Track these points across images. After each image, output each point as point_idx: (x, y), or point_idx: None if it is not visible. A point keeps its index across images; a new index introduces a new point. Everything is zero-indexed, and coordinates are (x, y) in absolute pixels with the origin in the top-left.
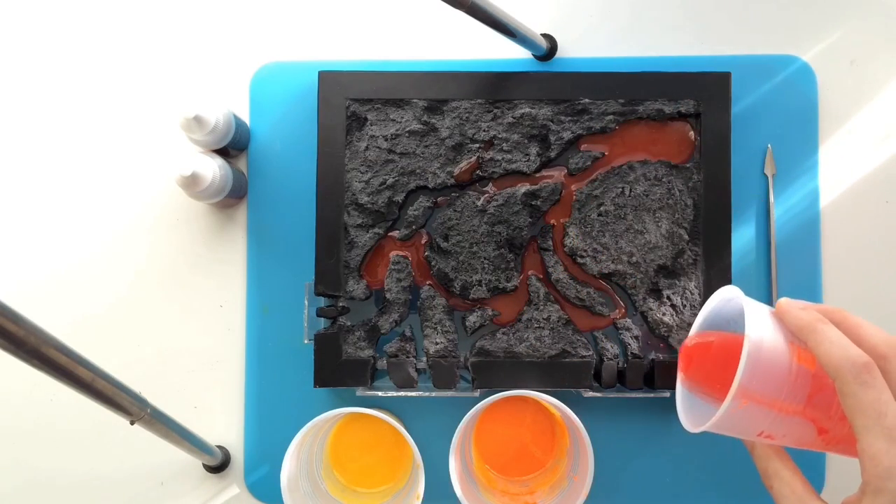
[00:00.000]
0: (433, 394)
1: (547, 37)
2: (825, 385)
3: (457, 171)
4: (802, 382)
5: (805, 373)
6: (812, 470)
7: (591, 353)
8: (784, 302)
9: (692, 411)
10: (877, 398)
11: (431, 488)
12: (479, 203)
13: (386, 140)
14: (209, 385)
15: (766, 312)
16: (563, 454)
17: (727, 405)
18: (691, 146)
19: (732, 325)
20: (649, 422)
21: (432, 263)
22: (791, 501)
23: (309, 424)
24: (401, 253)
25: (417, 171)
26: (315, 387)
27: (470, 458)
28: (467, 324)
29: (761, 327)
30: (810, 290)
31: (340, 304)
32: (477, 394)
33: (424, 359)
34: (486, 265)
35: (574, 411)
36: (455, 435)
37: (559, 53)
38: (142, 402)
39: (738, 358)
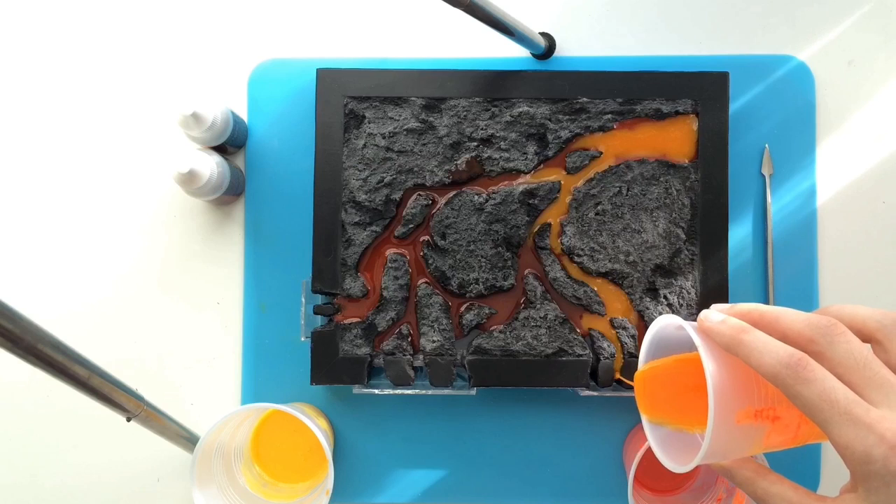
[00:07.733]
0: (430, 392)
1: (545, 35)
2: None
3: (454, 168)
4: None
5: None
6: (807, 470)
7: (587, 352)
8: (703, 319)
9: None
10: (821, 389)
11: (430, 487)
12: (476, 200)
13: (384, 138)
14: (206, 382)
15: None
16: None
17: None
18: (693, 144)
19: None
20: None
21: (430, 261)
22: None
23: (222, 420)
24: (398, 251)
25: (415, 169)
26: (312, 384)
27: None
28: (464, 322)
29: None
30: (806, 289)
31: (337, 302)
32: (473, 392)
33: (421, 357)
34: (483, 263)
35: (569, 410)
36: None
37: (558, 52)
38: (138, 399)
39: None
